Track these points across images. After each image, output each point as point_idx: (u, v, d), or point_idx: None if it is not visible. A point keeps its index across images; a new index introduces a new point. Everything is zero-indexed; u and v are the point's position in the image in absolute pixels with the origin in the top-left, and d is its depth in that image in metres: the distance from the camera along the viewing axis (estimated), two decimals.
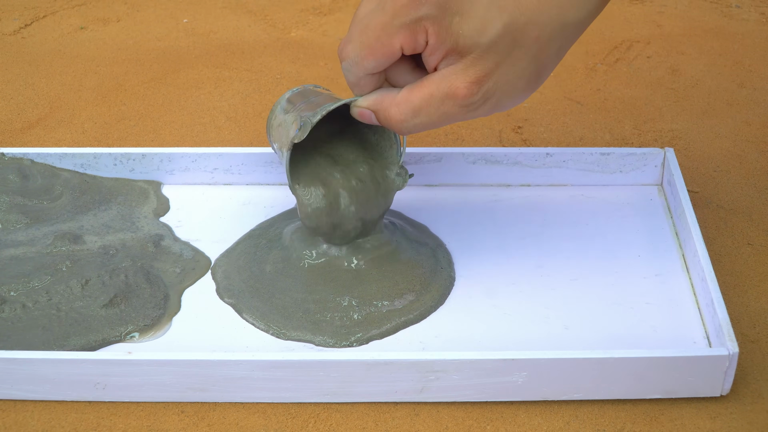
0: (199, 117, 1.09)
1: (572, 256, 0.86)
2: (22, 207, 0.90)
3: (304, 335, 0.79)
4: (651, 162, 0.93)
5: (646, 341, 0.78)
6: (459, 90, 0.70)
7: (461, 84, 0.70)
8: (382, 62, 0.72)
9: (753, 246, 0.89)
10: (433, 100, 0.71)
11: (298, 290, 0.82)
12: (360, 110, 0.76)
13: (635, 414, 0.74)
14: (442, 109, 0.71)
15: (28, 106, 1.11)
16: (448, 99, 0.71)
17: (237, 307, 0.82)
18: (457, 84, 0.70)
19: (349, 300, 0.81)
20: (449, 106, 0.71)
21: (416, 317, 0.80)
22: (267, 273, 0.84)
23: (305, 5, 1.32)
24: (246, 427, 0.74)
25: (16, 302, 0.80)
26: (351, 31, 0.72)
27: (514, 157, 0.94)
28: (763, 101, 1.10)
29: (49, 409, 0.75)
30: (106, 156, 0.94)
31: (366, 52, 0.71)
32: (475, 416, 0.74)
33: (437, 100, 0.71)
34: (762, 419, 0.74)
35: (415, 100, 0.72)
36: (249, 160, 0.94)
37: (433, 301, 0.82)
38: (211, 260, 0.87)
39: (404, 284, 0.82)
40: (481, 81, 0.70)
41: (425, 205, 0.93)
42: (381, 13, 0.70)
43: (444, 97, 0.71)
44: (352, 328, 0.79)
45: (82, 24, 1.28)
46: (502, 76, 0.70)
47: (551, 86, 1.13)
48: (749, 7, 1.29)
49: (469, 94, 0.70)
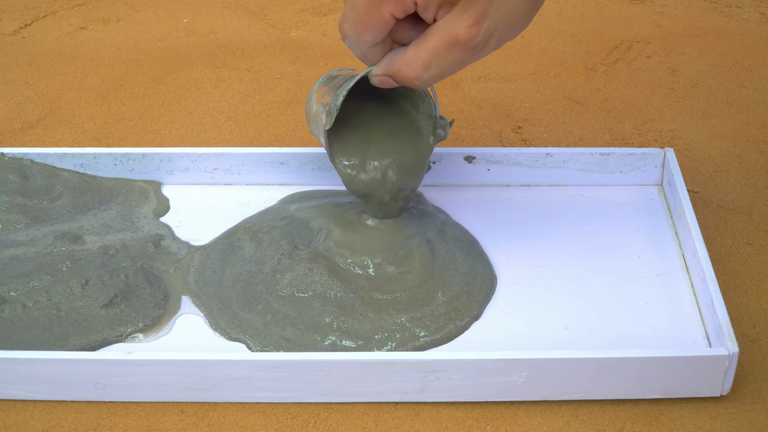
0: (199, 117, 1.09)
1: (572, 256, 0.86)
2: (22, 207, 0.90)
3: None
4: (651, 162, 0.93)
5: (646, 341, 0.78)
6: (460, 36, 0.71)
7: (461, 30, 0.71)
8: (378, 33, 0.74)
9: (753, 246, 0.89)
10: (439, 52, 0.72)
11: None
12: (378, 78, 0.77)
13: (635, 414, 0.74)
14: (450, 58, 0.72)
15: (28, 106, 1.11)
16: (452, 47, 0.72)
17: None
18: (457, 31, 0.71)
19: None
20: (456, 53, 0.72)
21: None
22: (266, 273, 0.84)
23: (305, 5, 1.32)
24: (246, 427, 0.74)
25: (16, 302, 0.80)
26: (344, 9, 0.74)
27: (514, 157, 0.94)
28: (763, 101, 1.10)
29: (49, 409, 0.75)
30: (106, 156, 0.94)
31: (360, 27, 0.73)
32: (475, 416, 0.74)
33: (443, 51, 0.72)
34: (762, 419, 0.74)
35: (423, 55, 0.73)
36: (249, 160, 0.94)
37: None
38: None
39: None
40: (479, 21, 0.70)
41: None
42: None
43: (448, 46, 0.72)
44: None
45: (82, 24, 1.28)
46: (499, 9, 0.71)
47: (551, 86, 1.13)
48: (749, 7, 1.29)
49: (470, 37, 0.71)
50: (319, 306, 0.80)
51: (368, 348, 0.77)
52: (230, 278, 0.84)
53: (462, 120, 1.08)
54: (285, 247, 0.85)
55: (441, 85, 1.13)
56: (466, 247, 0.86)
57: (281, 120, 1.08)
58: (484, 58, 1.18)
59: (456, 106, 1.10)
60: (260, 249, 0.86)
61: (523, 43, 1.22)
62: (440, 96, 1.11)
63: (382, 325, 0.79)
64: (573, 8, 1.30)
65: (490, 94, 1.12)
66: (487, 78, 1.15)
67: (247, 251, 0.86)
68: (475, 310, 0.80)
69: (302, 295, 0.81)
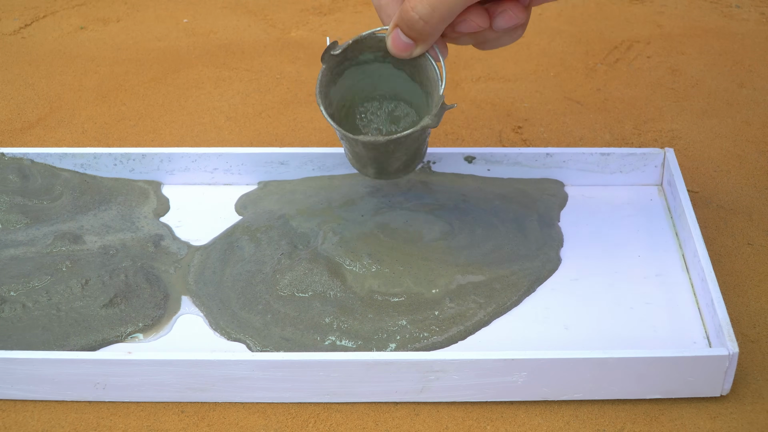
0: (199, 117, 1.09)
1: (572, 256, 0.86)
2: (22, 207, 0.90)
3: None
4: (651, 162, 0.93)
5: (646, 341, 0.78)
6: None
7: None
8: None
9: (753, 246, 0.89)
10: None
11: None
12: (392, 38, 0.77)
13: (635, 414, 0.74)
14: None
15: (28, 106, 1.11)
16: None
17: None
18: None
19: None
20: None
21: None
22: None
23: (305, 5, 1.32)
24: (246, 427, 0.74)
25: (16, 302, 0.80)
26: None
27: (514, 157, 0.94)
28: (763, 101, 1.10)
29: (49, 409, 0.75)
30: (106, 156, 0.94)
31: None
32: (475, 416, 0.74)
33: None
34: (762, 419, 0.74)
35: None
36: (249, 160, 0.94)
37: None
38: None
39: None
40: None
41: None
42: None
43: None
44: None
45: (82, 24, 1.28)
46: None
47: (551, 86, 1.13)
48: (749, 7, 1.29)
49: None
50: (319, 306, 0.80)
51: (368, 348, 0.77)
52: (230, 278, 0.84)
53: (462, 120, 1.08)
54: (285, 247, 0.85)
55: None
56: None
57: (281, 120, 1.08)
58: (484, 58, 1.18)
59: (456, 106, 1.10)
60: (260, 249, 0.86)
61: (523, 43, 1.22)
62: None
63: (382, 325, 0.79)
64: (573, 8, 1.30)
65: (490, 94, 1.12)
66: (487, 78, 1.15)
67: (246, 251, 0.86)
68: (486, 317, 0.81)
69: (302, 295, 0.81)
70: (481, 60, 1.19)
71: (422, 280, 0.82)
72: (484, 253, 0.85)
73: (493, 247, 0.86)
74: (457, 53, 1.20)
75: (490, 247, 0.86)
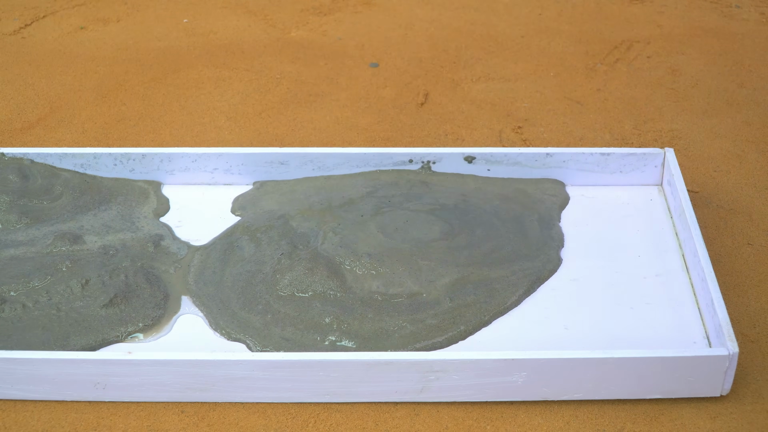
0: (199, 117, 1.09)
1: (572, 256, 0.86)
2: (22, 207, 0.90)
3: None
4: (651, 162, 0.93)
5: (646, 341, 0.78)
6: None
7: None
8: None
9: (753, 246, 0.89)
10: None
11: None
12: None
13: (635, 414, 0.74)
14: None
15: (28, 106, 1.11)
16: None
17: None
18: None
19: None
20: None
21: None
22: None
23: (305, 5, 1.32)
24: (246, 427, 0.74)
25: (16, 302, 0.80)
26: None
27: (514, 157, 0.94)
28: (763, 101, 1.10)
29: (49, 409, 0.75)
30: (106, 156, 0.94)
31: None
32: (475, 416, 0.74)
33: None
34: (762, 419, 0.74)
35: None
36: (249, 160, 0.94)
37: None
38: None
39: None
40: None
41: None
42: None
43: None
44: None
45: (82, 24, 1.28)
46: None
47: (551, 86, 1.13)
48: (749, 7, 1.29)
49: None
50: (319, 306, 0.80)
51: (368, 348, 0.77)
52: (230, 278, 0.84)
53: (462, 120, 1.08)
54: (285, 247, 0.85)
55: (441, 84, 1.13)
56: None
57: (281, 120, 1.08)
58: (484, 58, 1.18)
59: (456, 106, 1.10)
60: (260, 249, 0.86)
61: (523, 43, 1.22)
62: (441, 96, 1.11)
63: (382, 325, 0.79)
64: (573, 8, 1.30)
65: (490, 94, 1.12)
66: (487, 78, 1.15)
67: (246, 251, 0.86)
68: (484, 318, 0.81)
69: (302, 295, 0.81)
70: (481, 60, 1.19)
71: (422, 280, 0.82)
72: (484, 253, 0.85)
73: (493, 247, 0.86)
74: (457, 53, 1.20)
75: (490, 247, 0.86)
